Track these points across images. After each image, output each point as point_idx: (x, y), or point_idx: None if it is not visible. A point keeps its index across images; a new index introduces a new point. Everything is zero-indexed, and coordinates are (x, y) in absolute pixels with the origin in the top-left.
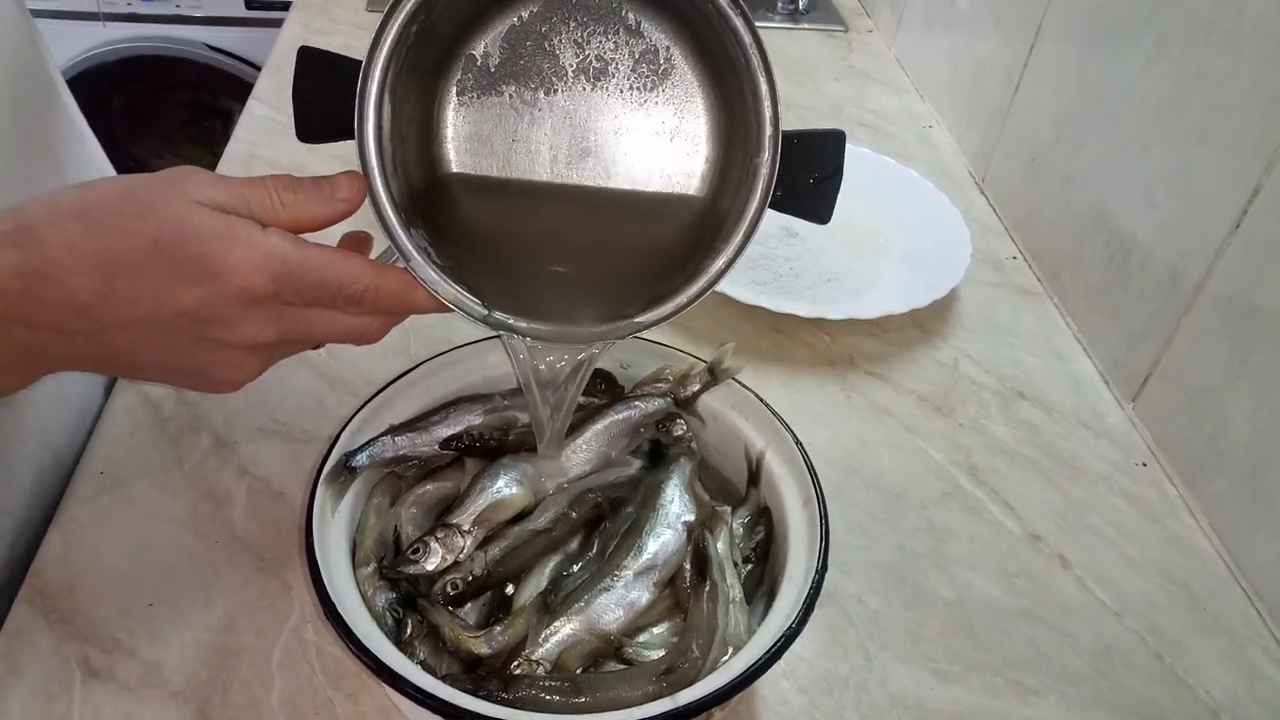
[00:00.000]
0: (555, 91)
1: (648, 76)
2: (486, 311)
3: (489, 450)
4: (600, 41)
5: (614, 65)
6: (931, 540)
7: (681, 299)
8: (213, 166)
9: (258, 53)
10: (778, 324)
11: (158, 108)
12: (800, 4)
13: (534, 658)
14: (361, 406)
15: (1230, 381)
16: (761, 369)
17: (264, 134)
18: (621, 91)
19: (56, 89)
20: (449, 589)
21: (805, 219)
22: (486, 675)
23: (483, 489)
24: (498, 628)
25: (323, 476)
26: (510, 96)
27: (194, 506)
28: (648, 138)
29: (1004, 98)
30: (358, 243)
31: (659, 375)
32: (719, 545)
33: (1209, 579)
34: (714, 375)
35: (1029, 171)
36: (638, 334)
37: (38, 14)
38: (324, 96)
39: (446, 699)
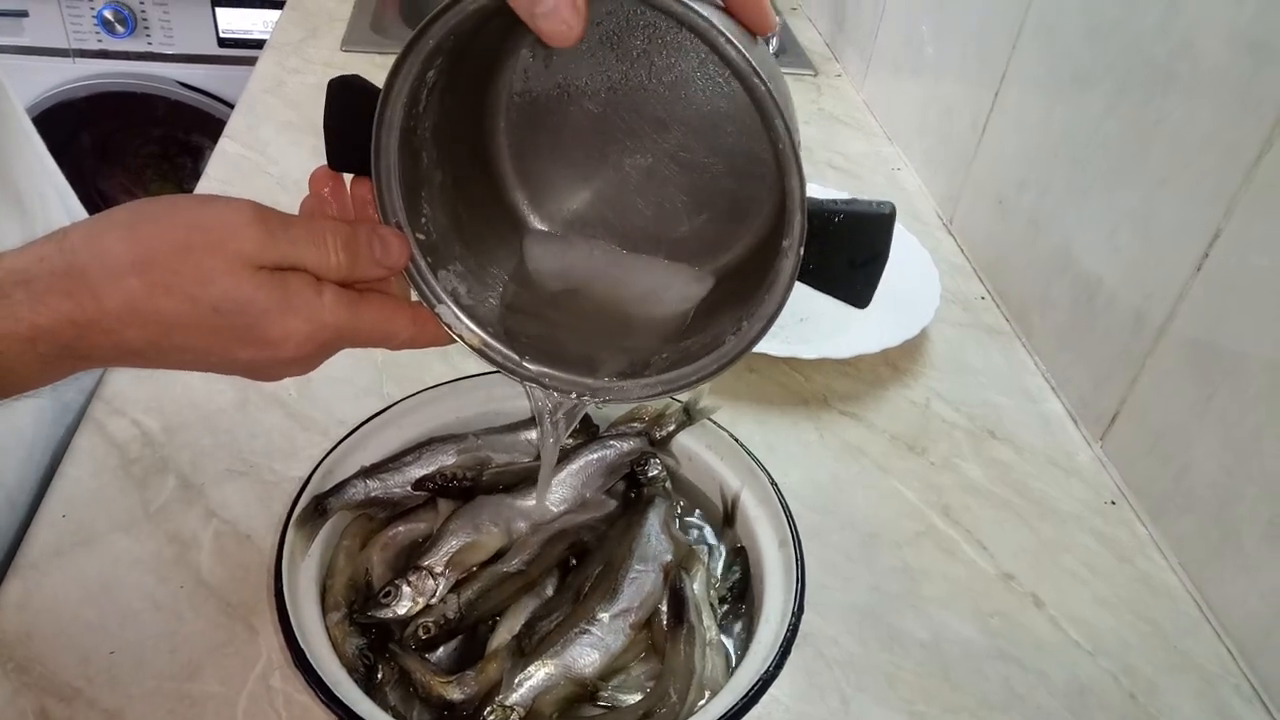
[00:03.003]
0: (616, 90)
1: (715, 78)
2: (518, 360)
3: (462, 491)
4: (664, 43)
5: (680, 63)
6: (906, 580)
7: (692, 374)
8: None
9: (230, 90)
10: (751, 363)
11: (128, 144)
12: (770, 49)
13: (508, 703)
14: (333, 448)
15: (1195, 420)
16: (735, 408)
17: (236, 172)
18: (686, 93)
19: (17, 116)
20: (421, 633)
21: (840, 300)
22: None
23: (455, 531)
24: (470, 672)
25: (293, 519)
26: (568, 97)
27: (159, 550)
28: (709, 155)
29: (970, 142)
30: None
31: (634, 415)
32: (695, 586)
33: (1179, 617)
34: (689, 415)
35: (996, 214)
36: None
37: (7, 50)
38: (354, 127)
39: None
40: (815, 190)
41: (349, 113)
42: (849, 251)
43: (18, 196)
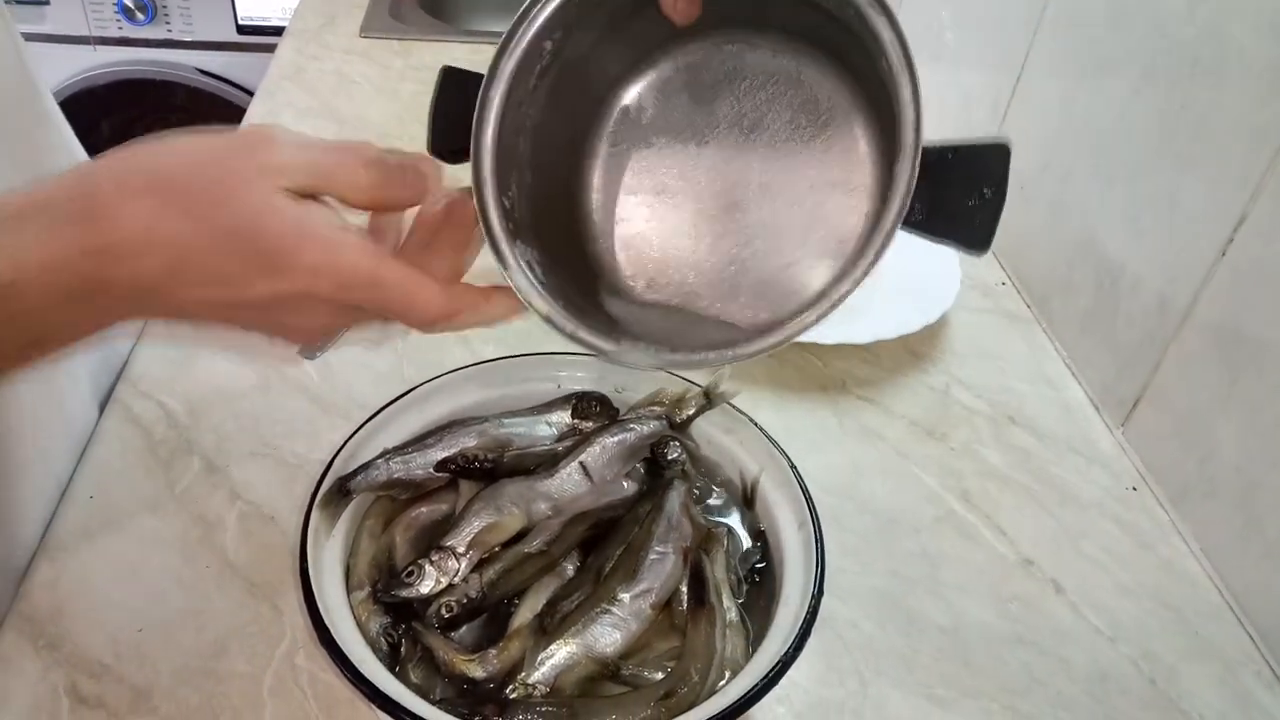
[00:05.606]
0: (707, 143)
1: (806, 127)
2: (593, 334)
3: (484, 472)
4: (758, 92)
5: (771, 116)
6: (925, 565)
7: (794, 326)
8: None
9: (249, 77)
10: None
11: (148, 131)
12: None
13: (530, 681)
14: (356, 430)
15: (1218, 406)
16: (754, 393)
17: None
18: (777, 143)
19: (47, 105)
20: (444, 612)
21: (956, 245)
22: (482, 700)
23: (477, 511)
24: (493, 651)
25: (317, 500)
26: (661, 148)
27: (184, 531)
28: (802, 191)
29: (991, 127)
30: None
31: (654, 398)
32: (715, 568)
33: (1201, 603)
34: (710, 399)
35: (1017, 199)
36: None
37: (28, 37)
38: (461, 114)
39: None
40: None
41: (456, 98)
42: (964, 188)
43: None
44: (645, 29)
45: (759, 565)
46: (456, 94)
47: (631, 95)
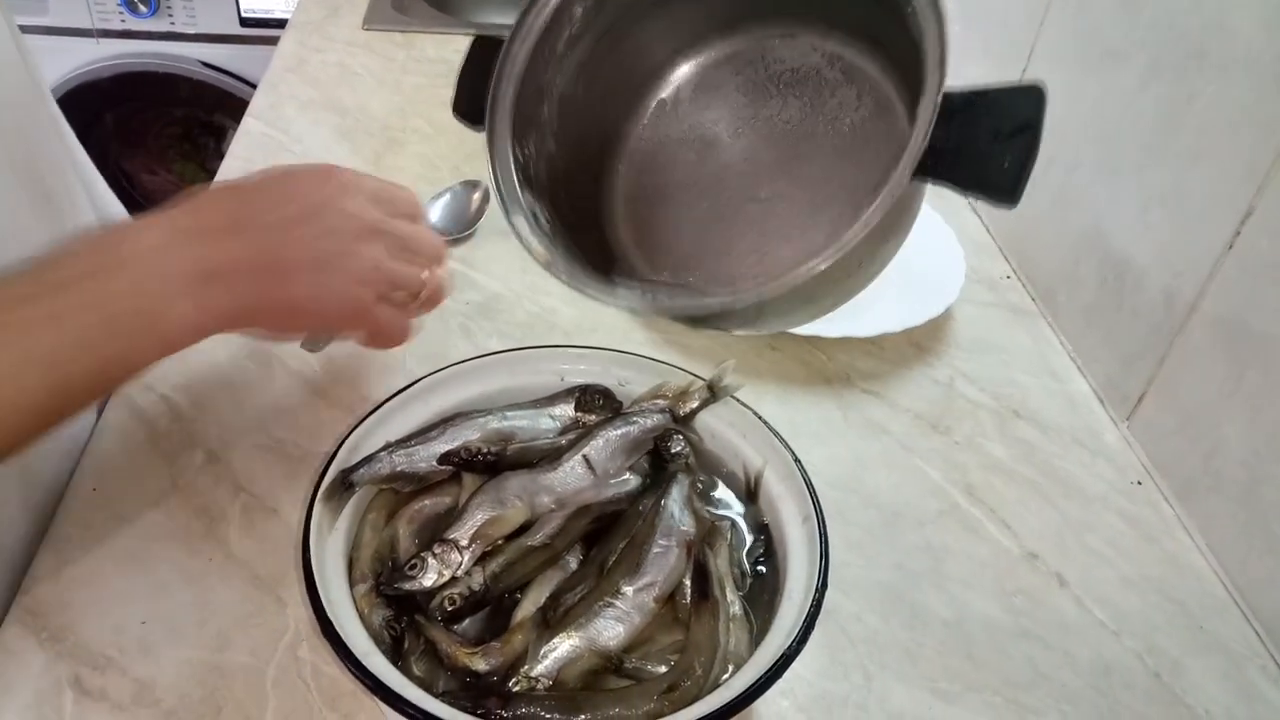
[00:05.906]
0: (741, 136)
1: (844, 120)
2: (583, 277)
3: (487, 465)
4: (798, 86)
5: (810, 110)
6: (929, 559)
7: (801, 272)
8: (206, 182)
9: (252, 70)
10: (774, 342)
11: (150, 124)
12: None
13: (532, 674)
14: (359, 422)
15: (1224, 400)
16: (757, 386)
17: (259, 151)
18: (815, 138)
19: (48, 109)
20: (446, 605)
21: (983, 196)
22: (485, 693)
23: (480, 504)
24: (496, 644)
25: (320, 493)
26: (694, 140)
27: (187, 523)
28: (834, 185)
29: None
30: None
31: (658, 392)
32: (719, 561)
33: (1206, 598)
34: (713, 392)
35: None
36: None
37: (30, 30)
38: (487, 80)
39: (445, 718)
40: None
41: (484, 67)
42: (991, 134)
43: (47, 193)
44: (683, 18)
45: (762, 559)
46: (485, 62)
47: (669, 86)
